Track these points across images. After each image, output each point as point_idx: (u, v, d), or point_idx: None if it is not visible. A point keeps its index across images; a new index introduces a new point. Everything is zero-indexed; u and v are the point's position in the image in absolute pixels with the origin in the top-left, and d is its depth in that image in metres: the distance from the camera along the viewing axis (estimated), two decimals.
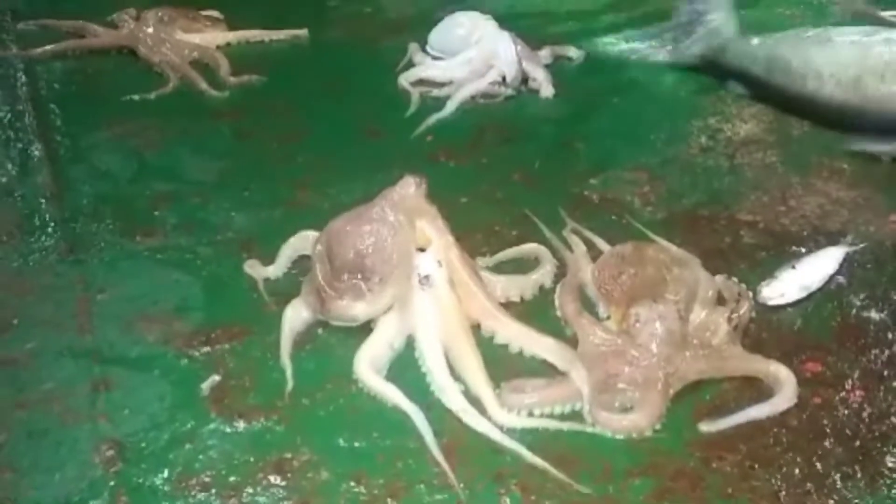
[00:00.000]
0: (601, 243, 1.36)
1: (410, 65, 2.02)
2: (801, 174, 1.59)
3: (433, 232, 1.21)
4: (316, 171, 1.60)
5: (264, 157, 1.68)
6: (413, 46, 2.09)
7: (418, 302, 1.18)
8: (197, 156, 1.68)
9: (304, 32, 2.22)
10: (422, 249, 1.20)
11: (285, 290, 1.26)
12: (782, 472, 0.99)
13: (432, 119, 1.80)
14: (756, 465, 1.00)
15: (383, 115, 1.86)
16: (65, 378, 1.10)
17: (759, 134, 1.75)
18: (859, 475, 0.99)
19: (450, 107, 1.85)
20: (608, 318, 1.22)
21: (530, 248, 1.37)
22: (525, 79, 1.94)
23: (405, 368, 1.13)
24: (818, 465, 1.00)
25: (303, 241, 1.31)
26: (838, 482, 0.98)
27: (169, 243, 1.38)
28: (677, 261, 1.28)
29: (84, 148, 1.69)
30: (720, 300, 1.23)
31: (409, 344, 1.16)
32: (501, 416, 1.05)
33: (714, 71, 1.96)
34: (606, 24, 2.32)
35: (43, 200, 1.50)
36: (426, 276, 1.19)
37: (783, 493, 0.97)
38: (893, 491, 0.97)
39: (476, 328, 1.18)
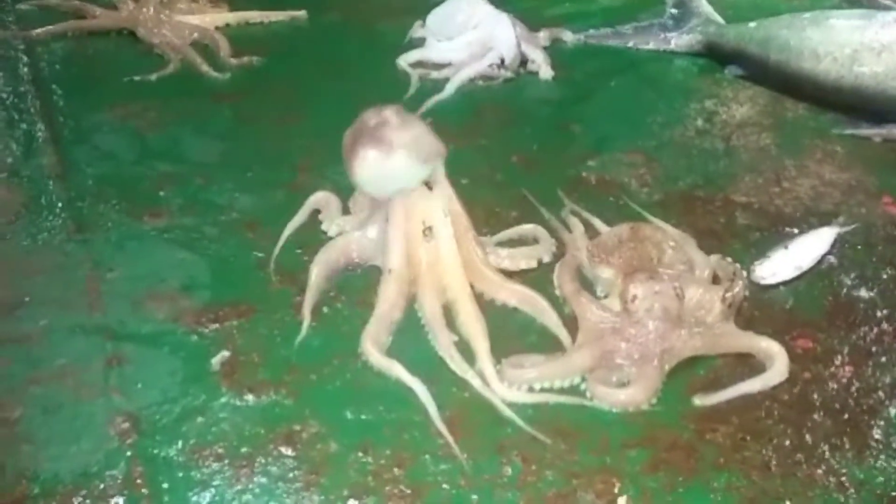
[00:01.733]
0: (599, 224, 1.39)
1: (413, 42, 2.04)
2: (795, 156, 1.62)
3: (443, 180, 1.25)
4: (316, 153, 1.62)
5: (265, 139, 1.69)
6: (417, 24, 2.10)
7: (421, 254, 1.21)
8: (199, 137, 1.70)
9: (302, 14, 2.23)
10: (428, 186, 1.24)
11: (290, 269, 1.29)
12: (773, 443, 1.03)
13: (431, 101, 1.81)
14: (748, 437, 1.04)
15: (382, 97, 1.85)
16: (78, 354, 1.13)
17: (755, 117, 1.78)
18: (847, 446, 1.03)
19: (449, 89, 1.87)
20: (605, 296, 1.25)
21: (529, 228, 1.40)
22: (524, 61, 1.96)
23: (411, 344, 1.16)
24: (808, 437, 1.04)
25: (319, 197, 1.40)
26: (827, 453, 1.02)
27: (174, 223, 1.40)
28: (673, 240, 1.31)
29: (87, 129, 1.70)
30: (715, 279, 1.27)
31: (416, 321, 1.19)
32: (502, 388, 1.09)
33: (711, 54, 1.98)
34: (603, 6, 2.34)
35: (49, 181, 1.52)
36: (430, 228, 1.22)
37: (774, 463, 1.01)
38: (879, 462, 1.02)
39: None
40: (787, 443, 1.03)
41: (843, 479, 0.99)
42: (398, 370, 1.11)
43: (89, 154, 1.62)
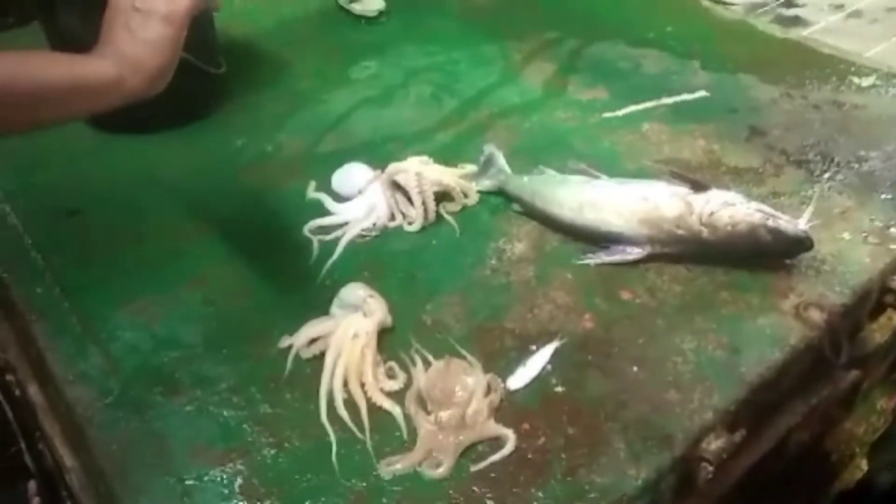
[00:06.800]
0: (432, 359, 2.32)
1: (310, 203, 2.53)
2: (544, 286, 2.27)
3: (379, 312, 1.99)
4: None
5: None
6: (311, 185, 2.61)
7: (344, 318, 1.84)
8: None
9: None
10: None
11: None
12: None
13: (329, 263, 2.15)
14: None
15: (292, 266, 2.14)
16: None
17: (527, 252, 2.41)
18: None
19: (338, 250, 2.43)
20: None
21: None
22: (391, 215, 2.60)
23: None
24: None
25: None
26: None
27: None
28: (469, 370, 2.36)
29: None
30: (488, 390, 2.38)
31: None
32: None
33: (503, 195, 3.02)
34: (440, 144, 3.02)
35: None
36: (356, 334, 1.76)
37: None
38: None
39: None
40: None
41: None
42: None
43: None
